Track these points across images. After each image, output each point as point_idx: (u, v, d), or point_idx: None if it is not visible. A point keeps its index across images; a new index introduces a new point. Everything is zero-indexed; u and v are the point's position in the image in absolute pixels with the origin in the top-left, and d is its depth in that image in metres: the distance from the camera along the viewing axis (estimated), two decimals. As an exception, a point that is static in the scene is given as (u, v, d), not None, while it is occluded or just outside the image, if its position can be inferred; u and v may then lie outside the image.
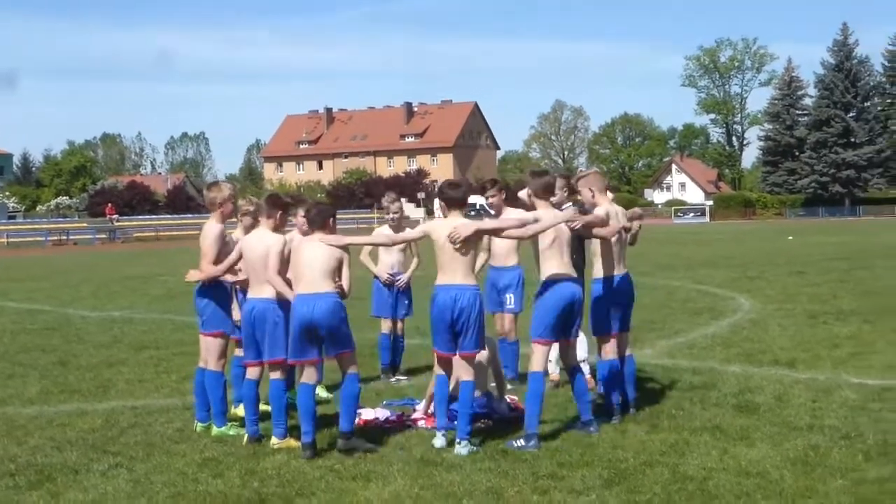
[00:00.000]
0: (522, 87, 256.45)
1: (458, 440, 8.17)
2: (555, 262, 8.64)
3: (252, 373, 8.85)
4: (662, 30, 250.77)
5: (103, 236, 75.22)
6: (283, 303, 8.58)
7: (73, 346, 15.23)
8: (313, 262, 8.36)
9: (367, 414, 9.34)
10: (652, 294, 19.76)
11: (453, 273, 8.35)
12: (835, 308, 17.33)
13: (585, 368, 10.21)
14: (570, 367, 8.91)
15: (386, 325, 11.75)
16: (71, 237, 72.96)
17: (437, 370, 8.62)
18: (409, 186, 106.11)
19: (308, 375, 8.45)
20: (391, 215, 11.67)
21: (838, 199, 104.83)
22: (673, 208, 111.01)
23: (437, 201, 8.89)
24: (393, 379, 11.59)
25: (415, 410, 9.56)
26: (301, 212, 9.38)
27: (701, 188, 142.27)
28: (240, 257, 8.99)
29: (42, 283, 29.97)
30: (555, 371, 10.83)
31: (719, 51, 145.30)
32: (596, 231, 8.97)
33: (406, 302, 11.79)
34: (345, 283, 8.43)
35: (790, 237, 50.12)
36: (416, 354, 12.45)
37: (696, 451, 7.93)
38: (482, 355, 8.93)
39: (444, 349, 8.49)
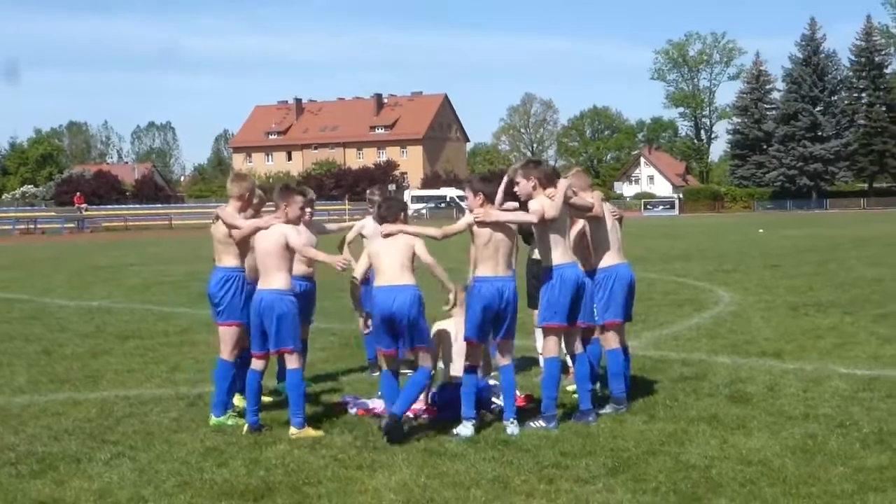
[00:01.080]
0: (492, 79, 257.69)
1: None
2: (560, 250, 8.79)
3: (257, 364, 8.85)
4: (632, 24, 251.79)
5: (72, 225, 74.71)
6: (296, 294, 8.73)
7: (57, 335, 15.15)
8: (392, 254, 8.52)
9: (369, 404, 9.34)
10: (632, 286, 19.83)
11: (496, 265, 8.64)
12: (814, 300, 17.50)
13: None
14: (573, 354, 9.07)
15: None
16: (39, 226, 72.47)
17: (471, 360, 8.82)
18: (379, 178, 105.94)
19: (388, 365, 8.72)
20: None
21: (806, 192, 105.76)
22: (643, 201, 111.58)
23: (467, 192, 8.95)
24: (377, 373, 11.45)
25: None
26: (298, 200, 9.30)
27: (669, 181, 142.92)
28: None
29: (14, 273, 29.79)
30: None
31: (688, 45, 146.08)
32: (575, 202, 9.09)
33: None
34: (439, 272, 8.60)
35: (761, 230, 50.48)
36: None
37: (696, 441, 8.02)
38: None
39: (478, 337, 8.68)
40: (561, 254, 8.82)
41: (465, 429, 8.46)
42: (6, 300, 20.94)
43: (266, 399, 9.91)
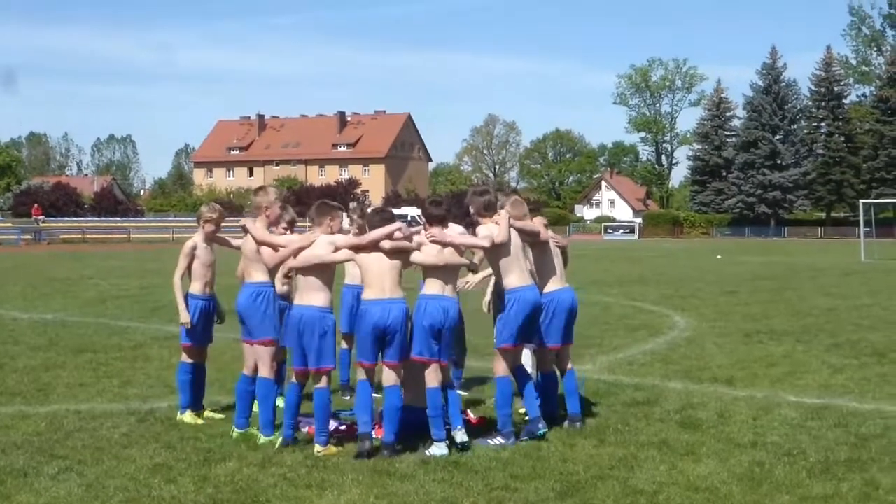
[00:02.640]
0: (455, 100, 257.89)
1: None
2: (515, 274, 9.02)
3: (296, 378, 8.87)
4: (595, 48, 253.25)
5: (28, 237, 73.97)
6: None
7: (9, 347, 15.02)
8: (384, 269, 8.63)
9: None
10: (587, 310, 19.83)
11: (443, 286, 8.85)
12: (768, 327, 17.64)
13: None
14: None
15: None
16: (-5, 237, 71.76)
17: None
18: (341, 196, 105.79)
19: (371, 375, 8.81)
20: (355, 226, 11.52)
21: (764, 219, 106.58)
22: (603, 224, 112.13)
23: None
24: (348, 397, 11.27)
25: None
26: (340, 214, 9.32)
27: (630, 206, 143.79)
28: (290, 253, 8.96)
29: (-31, 284, 29.45)
30: None
31: (651, 70, 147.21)
32: (523, 227, 9.27)
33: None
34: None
35: (718, 256, 50.86)
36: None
37: (645, 466, 8.07)
38: None
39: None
40: (516, 277, 9.02)
41: (439, 449, 8.52)
42: (-41, 311, 20.71)
43: (217, 416, 9.93)
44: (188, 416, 9.74)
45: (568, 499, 7.17)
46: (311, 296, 8.70)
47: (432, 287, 8.79)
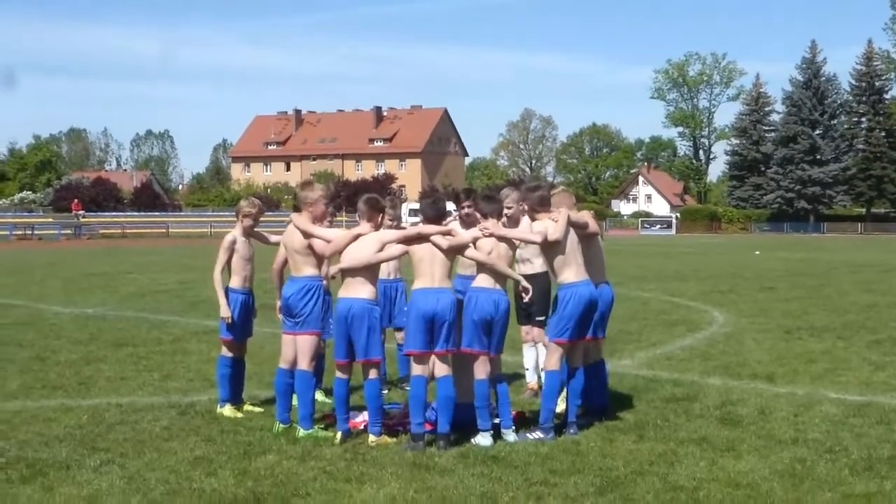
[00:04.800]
0: (492, 95, 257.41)
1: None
2: (571, 269, 9.13)
3: (341, 372, 8.91)
4: (632, 43, 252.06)
5: (68, 232, 74.65)
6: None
7: (50, 341, 15.15)
8: (435, 259, 8.70)
9: (357, 418, 9.36)
10: (626, 305, 19.89)
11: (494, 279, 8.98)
12: (808, 324, 17.51)
13: (532, 376, 10.93)
14: (572, 368, 9.30)
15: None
16: (36, 232, 72.44)
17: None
18: (378, 191, 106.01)
19: (424, 369, 8.76)
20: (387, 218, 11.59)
21: (803, 215, 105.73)
22: (640, 220, 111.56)
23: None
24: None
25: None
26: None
27: (667, 200, 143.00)
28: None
29: (8, 279, 29.74)
30: (532, 379, 10.99)
31: (688, 65, 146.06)
32: (575, 220, 9.35)
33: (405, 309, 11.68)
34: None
35: (757, 252, 50.50)
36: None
37: (685, 462, 8.03)
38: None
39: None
40: (573, 272, 9.11)
41: (485, 439, 8.61)
42: (1, 305, 20.93)
43: (256, 409, 9.98)
44: (227, 410, 9.79)
45: (607, 494, 7.15)
46: (359, 288, 8.76)
47: (484, 280, 8.86)
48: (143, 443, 8.68)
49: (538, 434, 8.82)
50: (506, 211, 9.60)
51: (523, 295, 9.09)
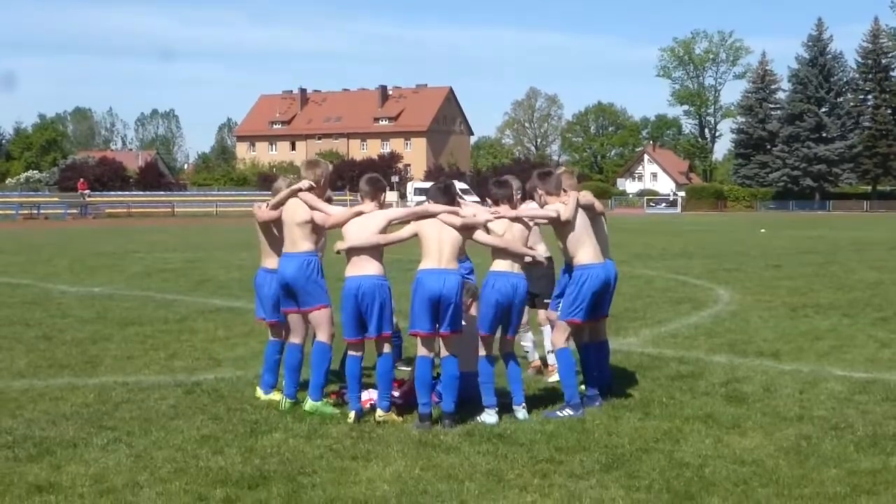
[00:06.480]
0: (497, 73, 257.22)
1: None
2: (585, 250, 9.22)
3: (354, 350, 8.90)
4: (637, 21, 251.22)
5: (74, 211, 74.51)
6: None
7: (57, 320, 15.17)
8: (443, 240, 8.70)
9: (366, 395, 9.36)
10: (631, 283, 19.93)
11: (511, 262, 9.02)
12: (813, 301, 17.51)
13: (534, 355, 11.08)
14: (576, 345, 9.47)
15: None
16: (42, 211, 72.42)
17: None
18: (383, 170, 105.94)
19: (429, 350, 8.77)
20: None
21: (809, 193, 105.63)
22: (645, 198, 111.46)
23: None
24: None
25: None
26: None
27: (672, 179, 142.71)
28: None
29: (15, 257, 29.76)
30: (534, 357, 11.06)
31: (694, 43, 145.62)
32: (583, 201, 9.45)
33: None
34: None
35: (763, 230, 50.46)
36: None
37: (691, 439, 8.05)
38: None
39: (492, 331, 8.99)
40: (587, 254, 9.21)
41: (490, 416, 8.66)
42: (8, 284, 20.96)
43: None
44: (276, 395, 9.54)
45: (613, 471, 7.17)
46: (366, 265, 8.76)
47: (501, 265, 8.88)
48: (150, 421, 8.70)
49: (568, 411, 8.86)
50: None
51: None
